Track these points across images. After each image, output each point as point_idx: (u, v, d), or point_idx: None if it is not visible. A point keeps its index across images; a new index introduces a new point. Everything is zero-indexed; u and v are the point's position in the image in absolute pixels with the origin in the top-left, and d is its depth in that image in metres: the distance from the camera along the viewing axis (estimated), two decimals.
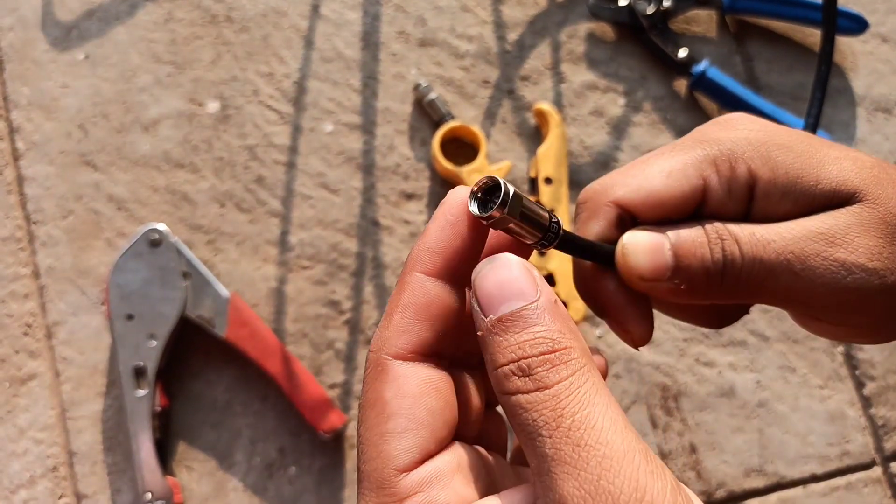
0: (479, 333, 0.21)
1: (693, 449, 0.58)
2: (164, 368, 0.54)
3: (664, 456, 0.57)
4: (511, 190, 0.21)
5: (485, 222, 0.22)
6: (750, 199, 0.25)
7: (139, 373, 0.53)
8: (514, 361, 0.20)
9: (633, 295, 0.26)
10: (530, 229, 0.22)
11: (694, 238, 0.24)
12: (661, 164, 0.25)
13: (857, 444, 0.58)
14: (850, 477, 0.58)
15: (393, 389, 0.21)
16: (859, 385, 0.59)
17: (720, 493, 0.57)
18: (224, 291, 0.54)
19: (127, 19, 0.60)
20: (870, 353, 0.59)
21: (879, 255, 0.23)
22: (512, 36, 0.62)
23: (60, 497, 0.54)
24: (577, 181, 0.60)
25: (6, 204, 0.58)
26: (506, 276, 0.20)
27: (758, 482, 0.57)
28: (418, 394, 0.21)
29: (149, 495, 0.52)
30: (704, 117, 0.62)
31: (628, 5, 0.61)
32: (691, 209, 0.25)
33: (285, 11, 0.61)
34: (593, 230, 0.26)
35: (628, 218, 0.25)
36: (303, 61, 0.61)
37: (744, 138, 0.25)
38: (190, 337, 0.55)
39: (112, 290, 0.53)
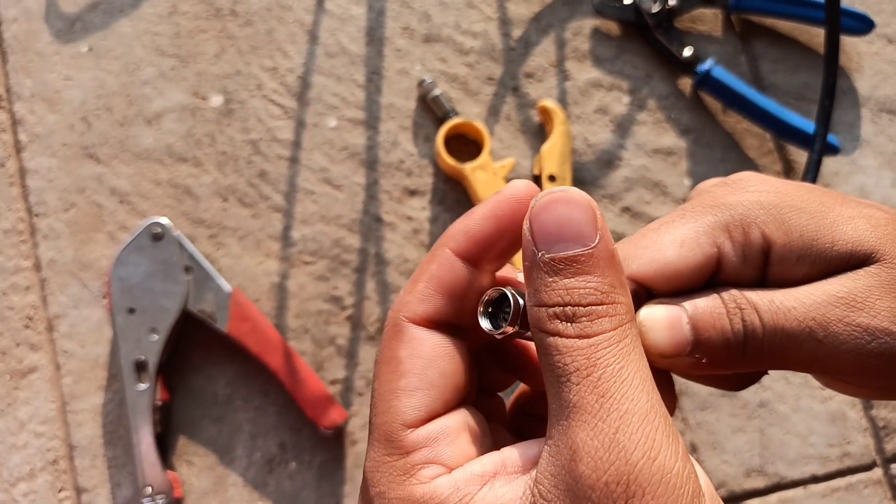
0: (525, 264, 0.21)
1: (694, 448, 0.57)
2: (165, 362, 0.54)
3: None
4: (521, 303, 0.21)
5: (499, 337, 0.22)
6: (765, 264, 0.24)
7: (140, 367, 0.52)
8: (560, 305, 0.20)
9: (655, 370, 0.25)
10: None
11: (712, 309, 0.23)
12: (672, 234, 0.24)
13: (857, 446, 0.58)
14: (850, 478, 0.58)
15: (408, 349, 0.22)
16: None
17: (720, 493, 0.57)
18: (226, 286, 0.54)
19: (131, 12, 0.60)
20: None
21: None
22: (517, 33, 0.62)
23: (60, 490, 0.54)
24: (580, 179, 0.60)
25: (8, 196, 0.57)
26: (568, 214, 0.20)
27: (758, 482, 0.57)
28: (431, 356, 0.22)
29: (149, 489, 0.52)
30: (709, 116, 0.62)
31: (633, 3, 0.61)
32: (706, 278, 0.24)
33: (290, 6, 0.61)
34: None
35: (643, 292, 0.25)
36: (307, 56, 0.60)
37: (756, 202, 0.24)
38: (191, 331, 0.55)
39: (114, 284, 0.53)
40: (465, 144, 0.59)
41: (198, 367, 0.56)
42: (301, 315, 0.57)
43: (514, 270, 0.26)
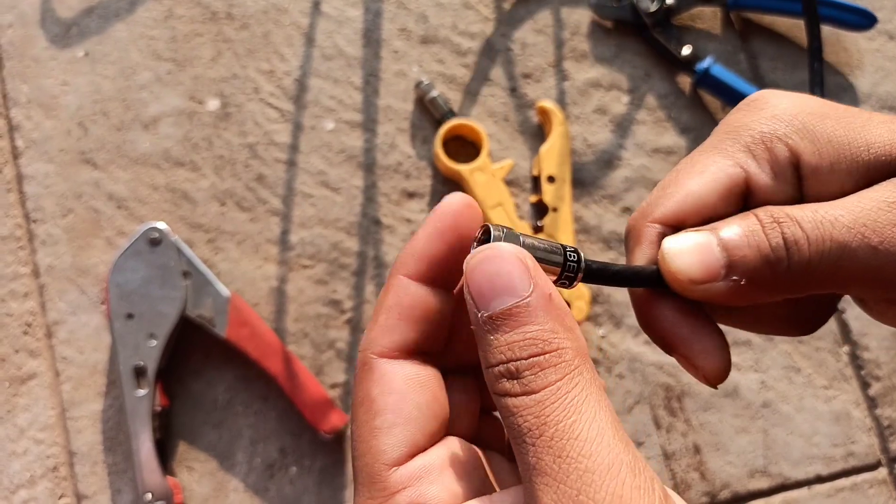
0: (472, 328, 0.20)
1: (697, 449, 0.57)
2: (164, 368, 0.54)
3: (668, 457, 0.57)
4: (502, 233, 0.21)
5: None
6: (799, 179, 0.22)
7: (139, 372, 0.52)
8: (503, 363, 0.19)
9: (698, 321, 0.23)
10: (545, 268, 0.21)
11: (746, 227, 0.21)
12: (693, 167, 0.23)
13: (862, 445, 0.58)
14: (855, 478, 0.57)
15: (379, 387, 0.21)
16: (864, 385, 0.59)
17: (724, 494, 0.57)
18: (224, 291, 0.54)
19: (127, 16, 0.60)
20: (875, 353, 0.59)
21: None
22: (514, 33, 0.62)
23: (61, 497, 0.54)
24: (580, 179, 0.60)
25: (6, 202, 0.57)
26: (497, 268, 0.20)
27: (762, 483, 0.57)
28: (404, 389, 0.21)
29: (149, 496, 0.51)
30: (709, 114, 0.62)
31: (631, 3, 0.61)
32: (737, 205, 0.22)
33: (286, 8, 0.61)
34: (641, 257, 0.23)
35: (673, 233, 0.23)
36: (304, 59, 0.60)
37: (774, 116, 0.23)
38: (190, 336, 0.55)
39: (112, 290, 0.53)
40: (464, 146, 0.59)
41: (197, 373, 0.56)
42: (300, 319, 0.56)
43: None
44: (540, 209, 0.58)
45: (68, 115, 0.58)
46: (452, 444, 0.22)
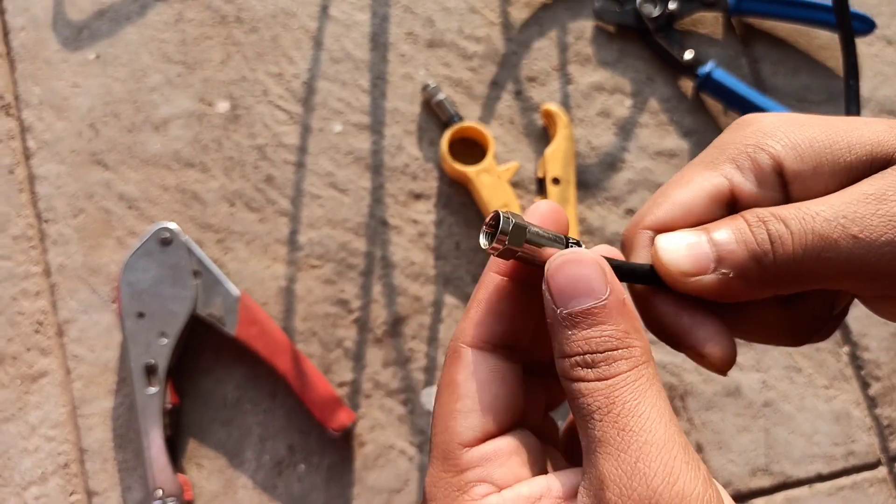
0: (548, 321, 0.22)
1: (699, 448, 0.58)
2: (174, 366, 0.54)
3: None
4: (511, 220, 0.22)
5: (493, 254, 0.23)
6: (784, 185, 0.23)
7: (150, 370, 0.53)
8: (580, 354, 0.21)
9: (697, 312, 0.25)
10: (546, 252, 0.23)
11: (734, 225, 0.23)
12: (681, 180, 0.25)
13: (862, 444, 0.58)
14: (855, 477, 0.58)
15: (464, 373, 0.23)
16: (865, 385, 0.59)
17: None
18: (234, 290, 0.54)
19: (138, 19, 0.61)
20: (875, 353, 0.60)
21: None
22: (520, 37, 0.63)
23: (71, 494, 0.55)
24: (584, 182, 0.61)
25: (18, 202, 0.58)
26: (578, 272, 0.22)
27: (764, 481, 0.58)
28: (486, 380, 0.23)
29: (160, 492, 0.52)
30: (711, 118, 0.63)
31: (634, 8, 0.62)
32: (723, 213, 0.24)
33: (295, 12, 0.62)
34: (636, 261, 0.25)
35: None
36: (312, 62, 0.61)
37: (757, 130, 0.24)
38: (200, 335, 0.56)
39: (123, 289, 0.54)
40: (470, 148, 0.60)
41: (207, 371, 0.56)
42: (308, 318, 0.57)
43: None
44: None
45: (79, 116, 0.59)
46: (520, 435, 0.24)
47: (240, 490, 0.55)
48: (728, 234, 0.23)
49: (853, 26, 0.63)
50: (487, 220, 0.23)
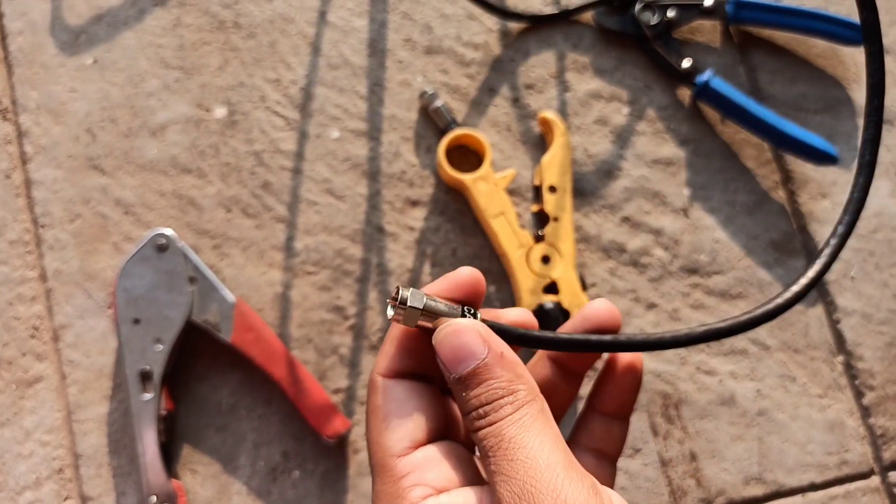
0: (448, 384, 0.26)
1: (693, 457, 0.58)
2: (169, 372, 0.54)
3: (665, 463, 0.58)
4: (409, 297, 0.26)
5: (395, 321, 0.27)
6: None
7: (145, 376, 0.53)
8: (475, 409, 0.25)
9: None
10: (444, 320, 0.27)
11: None
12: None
13: (855, 454, 0.59)
14: (848, 486, 0.58)
15: (383, 397, 0.27)
16: (859, 394, 0.60)
17: (719, 501, 0.58)
18: (230, 296, 0.54)
19: (135, 24, 0.61)
20: (870, 363, 0.60)
21: None
22: (517, 45, 0.63)
23: (66, 499, 0.55)
24: (581, 189, 0.61)
25: (14, 207, 0.58)
26: (458, 340, 0.26)
27: (757, 490, 0.58)
28: (403, 398, 0.27)
29: (154, 498, 0.52)
30: (708, 127, 0.63)
31: (632, 15, 0.62)
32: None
33: (293, 18, 0.62)
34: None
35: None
36: (310, 68, 0.61)
37: None
38: (195, 341, 0.56)
39: (119, 295, 0.54)
40: (467, 155, 0.60)
41: (202, 377, 0.56)
42: (304, 325, 0.57)
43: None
44: (541, 218, 0.59)
45: (77, 121, 0.59)
46: (448, 444, 0.27)
47: (234, 496, 0.55)
48: None
49: (850, 36, 0.63)
50: (392, 294, 0.27)
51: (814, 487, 0.58)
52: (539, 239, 0.58)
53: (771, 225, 0.62)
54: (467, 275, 0.28)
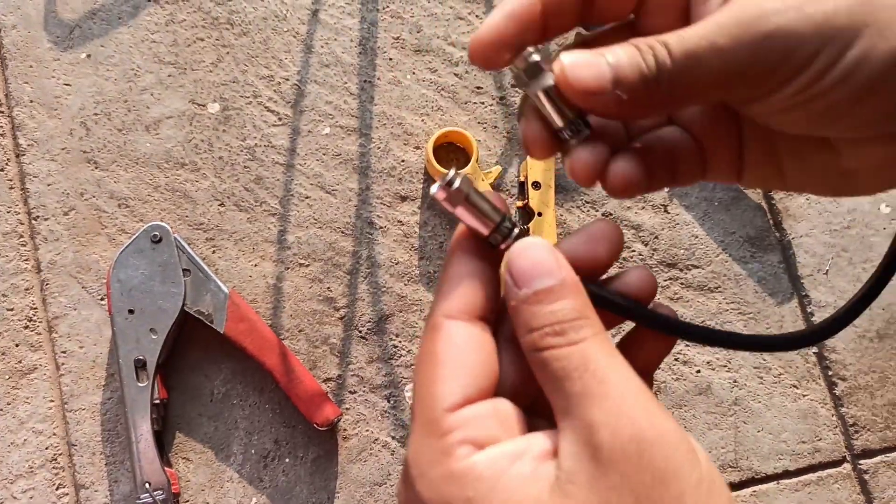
0: (511, 303, 0.24)
1: None
2: (163, 362, 0.55)
3: None
4: (457, 176, 0.25)
5: (439, 202, 0.25)
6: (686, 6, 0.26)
7: (139, 365, 0.54)
8: (549, 325, 0.24)
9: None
10: (482, 218, 0.25)
11: (627, 50, 0.25)
12: None
13: (828, 442, 0.61)
14: (821, 473, 0.61)
15: (443, 343, 0.25)
16: (831, 385, 0.62)
17: None
18: (223, 287, 0.56)
19: (129, 20, 0.62)
20: (842, 354, 0.62)
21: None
22: None
23: (59, 488, 0.56)
24: (563, 185, 0.63)
25: (8, 199, 0.59)
26: (537, 256, 0.24)
27: (732, 476, 0.60)
28: (464, 348, 0.25)
29: (148, 485, 0.53)
30: None
31: None
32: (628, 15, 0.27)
33: (285, 16, 0.63)
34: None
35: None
36: (302, 65, 0.62)
37: None
38: (189, 331, 0.57)
39: (114, 285, 0.55)
40: (454, 152, 0.62)
41: (195, 367, 0.57)
42: (296, 315, 0.59)
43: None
44: (526, 213, 0.60)
45: (71, 115, 0.60)
46: (498, 401, 0.25)
47: (226, 483, 0.56)
48: (622, 58, 0.25)
49: None
50: (444, 177, 0.26)
51: (788, 474, 0.60)
52: (524, 233, 0.60)
53: (747, 221, 0.64)
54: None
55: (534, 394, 0.29)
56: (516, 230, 0.26)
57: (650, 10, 0.27)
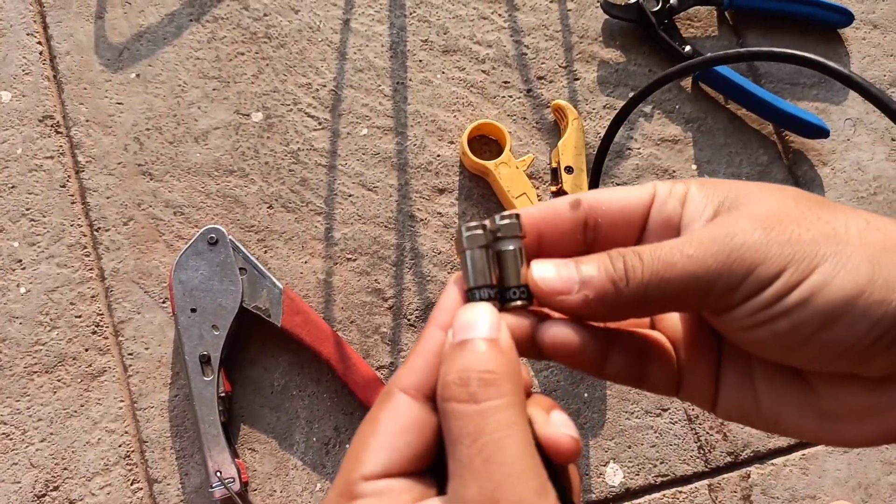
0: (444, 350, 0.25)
1: None
2: (225, 357, 0.58)
3: (691, 420, 0.61)
4: (469, 230, 0.26)
5: (463, 248, 0.27)
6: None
7: (204, 360, 0.57)
8: (458, 372, 0.24)
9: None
10: (466, 275, 0.26)
11: (598, 258, 0.26)
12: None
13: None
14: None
15: (388, 414, 0.25)
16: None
17: (746, 453, 0.61)
18: (278, 284, 0.59)
19: (174, 40, 0.66)
20: None
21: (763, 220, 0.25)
22: (527, 40, 0.67)
23: (133, 483, 0.59)
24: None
25: (71, 213, 0.62)
26: (480, 312, 0.25)
27: (781, 442, 0.61)
28: (402, 423, 0.25)
29: (218, 474, 0.56)
30: (711, 106, 0.67)
31: (638, 3, 0.66)
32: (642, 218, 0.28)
33: (319, 27, 0.66)
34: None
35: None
36: (337, 72, 0.66)
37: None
38: (248, 327, 0.60)
39: (175, 287, 0.58)
40: (487, 144, 0.64)
41: (255, 360, 0.60)
42: (347, 308, 0.61)
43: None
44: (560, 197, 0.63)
45: (124, 131, 0.64)
46: (418, 480, 0.25)
47: (291, 471, 0.59)
48: (592, 263, 0.26)
49: (839, 19, 0.68)
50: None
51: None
52: None
53: None
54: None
55: None
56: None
57: (650, 238, 0.28)
